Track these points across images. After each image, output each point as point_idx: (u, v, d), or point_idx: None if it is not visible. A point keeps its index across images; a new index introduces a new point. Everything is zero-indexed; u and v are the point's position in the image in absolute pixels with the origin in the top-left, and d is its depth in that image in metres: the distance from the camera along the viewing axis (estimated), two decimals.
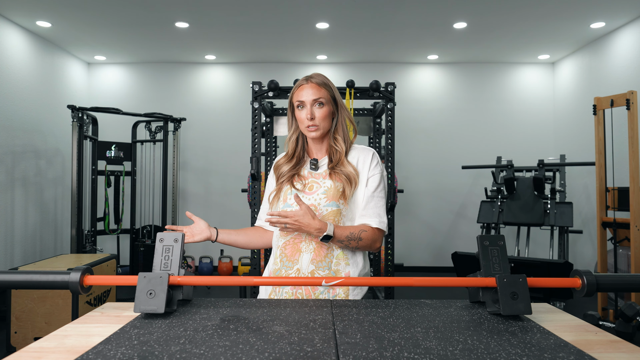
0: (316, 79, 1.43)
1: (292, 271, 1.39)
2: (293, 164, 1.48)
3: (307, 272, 1.37)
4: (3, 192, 4.25)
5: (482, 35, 4.87)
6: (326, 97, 1.42)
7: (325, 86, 1.44)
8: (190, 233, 1.43)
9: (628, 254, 3.68)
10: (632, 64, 4.33)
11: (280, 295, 1.40)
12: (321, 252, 1.38)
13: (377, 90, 3.33)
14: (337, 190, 1.40)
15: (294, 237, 1.41)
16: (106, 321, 1.01)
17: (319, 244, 1.38)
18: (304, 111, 1.42)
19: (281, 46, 5.27)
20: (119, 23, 4.50)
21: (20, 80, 4.53)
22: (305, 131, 1.44)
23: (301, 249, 1.39)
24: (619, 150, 3.95)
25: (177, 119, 5.10)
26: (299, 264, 1.38)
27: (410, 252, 5.83)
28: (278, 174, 1.49)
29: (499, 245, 1.09)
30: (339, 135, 1.47)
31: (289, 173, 1.46)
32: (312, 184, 1.44)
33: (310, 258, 1.38)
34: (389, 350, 0.81)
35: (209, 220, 1.67)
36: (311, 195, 1.42)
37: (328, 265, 1.38)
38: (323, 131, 1.44)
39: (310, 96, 1.41)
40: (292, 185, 1.44)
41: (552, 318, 1.05)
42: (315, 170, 1.47)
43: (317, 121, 1.41)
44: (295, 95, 1.44)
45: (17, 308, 2.85)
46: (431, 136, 5.90)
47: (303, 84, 1.43)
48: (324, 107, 1.42)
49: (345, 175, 1.41)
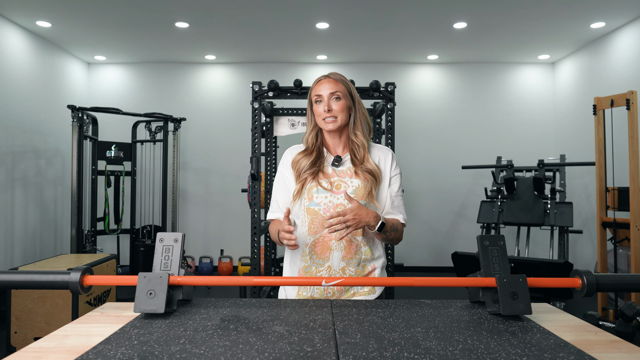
0: (334, 76, 1.48)
1: (324, 268, 1.42)
2: (313, 160, 1.47)
3: (338, 269, 1.41)
4: (3, 192, 4.25)
5: (482, 35, 4.87)
6: (343, 92, 1.45)
7: (343, 82, 1.47)
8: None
9: (628, 254, 3.68)
10: (632, 64, 4.33)
11: (311, 293, 1.43)
12: (351, 250, 1.42)
13: (377, 90, 3.33)
14: (365, 189, 1.43)
15: (323, 236, 1.42)
16: (106, 321, 1.01)
17: (349, 242, 1.42)
18: (321, 105, 1.45)
19: (281, 46, 5.27)
20: (119, 23, 4.50)
21: (20, 80, 4.53)
22: (322, 124, 1.46)
23: (331, 247, 1.42)
24: (619, 150, 3.95)
25: (177, 119, 5.10)
26: (330, 261, 1.41)
27: (410, 252, 5.83)
28: (297, 170, 1.47)
29: (499, 245, 1.09)
30: (359, 130, 1.49)
31: (311, 169, 1.45)
32: (339, 183, 1.44)
33: (341, 256, 1.41)
34: (389, 350, 0.81)
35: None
36: (339, 194, 1.43)
37: (358, 261, 1.43)
38: (340, 124, 1.45)
39: (327, 90, 1.44)
40: (318, 184, 1.43)
41: (552, 318, 1.05)
42: (338, 167, 1.48)
43: (335, 112, 1.44)
44: (313, 90, 1.48)
45: (17, 308, 2.85)
46: (431, 136, 5.90)
47: (321, 79, 1.47)
48: (341, 101, 1.45)
49: (370, 173, 1.44)
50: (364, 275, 1.44)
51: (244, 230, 5.61)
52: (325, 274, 1.41)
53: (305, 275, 1.43)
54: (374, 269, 1.47)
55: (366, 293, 1.44)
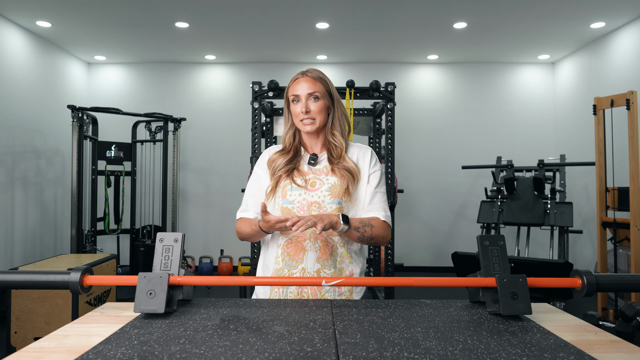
0: (312, 73, 1.41)
1: (297, 271, 1.35)
2: (289, 158, 1.43)
3: (312, 272, 1.34)
4: (3, 192, 4.25)
5: (482, 35, 4.87)
6: (321, 91, 1.40)
7: (321, 80, 1.41)
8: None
9: (628, 254, 3.68)
10: (632, 64, 4.33)
11: (285, 295, 1.38)
12: (327, 251, 1.36)
13: (377, 90, 3.33)
14: (341, 187, 1.38)
15: (297, 236, 1.37)
16: (106, 321, 1.01)
17: (325, 242, 1.36)
18: (299, 105, 1.40)
19: (281, 46, 5.27)
20: (119, 23, 4.50)
21: (20, 80, 4.53)
22: (300, 125, 1.41)
23: (306, 248, 1.36)
24: (619, 150, 3.95)
25: (177, 119, 5.10)
26: (304, 263, 1.35)
27: (410, 252, 5.83)
28: (272, 168, 1.44)
29: (499, 245, 1.09)
30: (337, 130, 1.44)
31: (286, 167, 1.41)
32: (314, 181, 1.40)
33: (316, 257, 1.35)
34: (389, 350, 0.81)
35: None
36: (314, 192, 1.38)
37: (333, 263, 1.37)
38: (318, 125, 1.41)
39: (305, 90, 1.38)
40: (292, 181, 1.39)
41: (552, 318, 1.05)
42: (314, 166, 1.43)
43: (313, 114, 1.39)
44: (290, 89, 1.42)
45: (17, 308, 2.85)
46: (431, 136, 5.90)
47: (299, 78, 1.41)
48: (319, 101, 1.39)
49: (347, 171, 1.39)
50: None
51: None
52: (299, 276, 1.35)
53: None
54: (352, 274, 1.39)
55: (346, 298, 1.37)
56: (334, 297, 1.37)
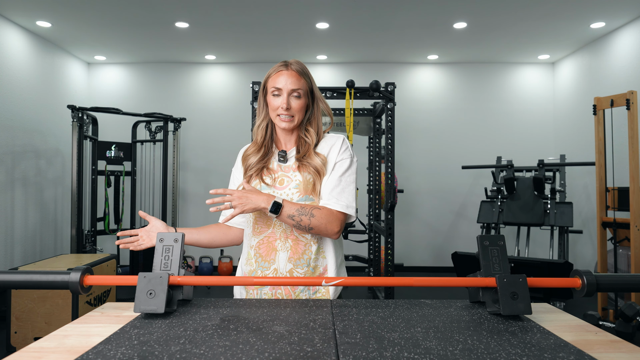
0: (296, 66, 1.34)
1: (270, 271, 1.32)
2: (261, 155, 1.40)
3: (285, 272, 1.31)
4: (3, 192, 4.25)
5: (482, 35, 4.87)
6: (304, 89, 1.35)
7: (305, 76, 1.36)
8: (147, 235, 1.36)
9: (628, 254, 3.68)
10: (632, 64, 4.33)
11: (260, 296, 1.35)
12: (298, 249, 1.32)
13: (377, 90, 3.33)
14: (308, 183, 1.34)
15: (268, 236, 1.34)
16: (106, 321, 1.01)
17: (296, 241, 1.32)
18: (279, 99, 1.33)
19: (281, 46, 5.27)
20: (119, 23, 4.50)
21: (20, 80, 4.53)
22: (277, 120, 1.36)
23: (277, 248, 1.33)
24: (619, 150, 3.95)
25: (177, 119, 5.10)
26: (275, 263, 1.32)
27: (410, 252, 5.83)
28: (245, 166, 1.41)
29: (499, 245, 1.09)
30: (312, 127, 1.40)
31: (257, 166, 1.39)
32: (283, 178, 1.37)
33: (287, 256, 1.32)
34: (389, 350, 0.81)
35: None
36: (282, 190, 1.35)
37: (307, 261, 1.33)
38: (296, 123, 1.36)
39: (289, 85, 1.32)
40: (261, 180, 1.37)
41: (552, 318, 1.05)
42: (284, 163, 1.40)
43: (293, 112, 1.34)
44: (271, 80, 1.34)
45: (17, 308, 2.85)
46: (431, 136, 5.90)
47: (282, 70, 1.33)
48: (301, 99, 1.34)
49: (314, 167, 1.34)
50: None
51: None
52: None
53: None
54: (326, 269, 1.36)
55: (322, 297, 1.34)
56: (308, 296, 1.34)
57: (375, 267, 4.48)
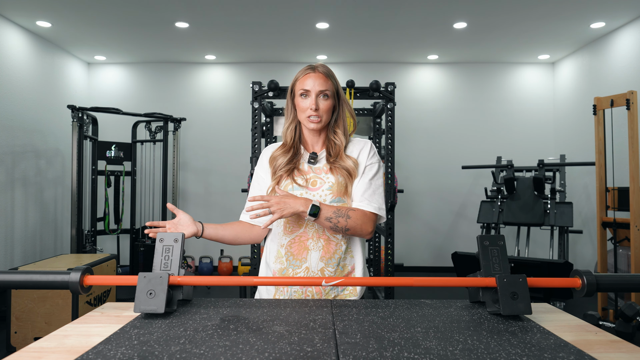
0: (322, 69, 1.40)
1: (301, 270, 1.36)
2: (290, 157, 1.43)
3: (316, 270, 1.35)
4: (3, 192, 4.25)
5: (482, 35, 4.87)
6: (331, 90, 1.40)
7: (331, 78, 1.41)
8: (175, 228, 1.37)
9: (628, 254, 3.68)
10: (632, 64, 4.33)
11: (290, 295, 1.39)
12: (330, 249, 1.37)
13: (377, 90, 3.33)
14: (341, 185, 1.38)
15: (300, 235, 1.38)
16: (106, 321, 1.01)
17: (327, 241, 1.37)
18: (307, 100, 1.38)
19: (281, 46, 5.27)
20: (119, 23, 4.50)
21: (20, 80, 4.53)
22: (306, 121, 1.40)
23: (309, 247, 1.37)
24: (619, 150, 3.95)
25: (177, 119, 5.10)
26: (307, 262, 1.36)
27: (410, 252, 5.83)
28: (274, 167, 1.44)
29: (499, 245, 1.09)
30: (339, 129, 1.44)
31: (287, 166, 1.41)
32: (315, 180, 1.40)
33: (319, 256, 1.36)
34: (389, 350, 0.81)
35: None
36: (315, 191, 1.39)
37: (337, 261, 1.37)
38: (323, 124, 1.41)
39: (316, 86, 1.37)
40: (293, 181, 1.39)
41: (552, 318, 1.05)
42: (314, 165, 1.43)
43: (321, 112, 1.38)
44: (299, 82, 1.40)
45: (17, 308, 2.85)
46: (431, 136, 5.90)
47: (309, 73, 1.39)
48: (329, 100, 1.39)
49: (346, 170, 1.39)
50: (344, 275, 1.39)
51: None
52: (303, 275, 1.36)
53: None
54: (354, 268, 1.41)
55: (348, 295, 1.39)
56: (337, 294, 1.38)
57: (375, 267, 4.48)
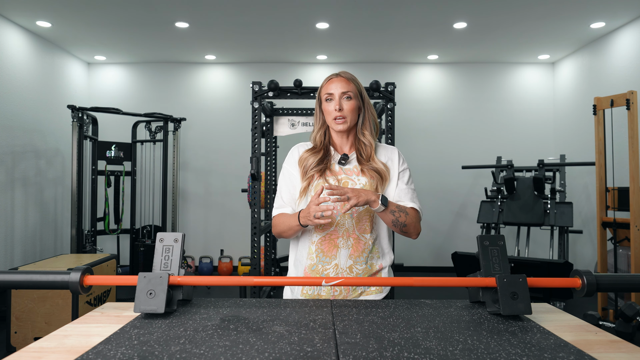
0: (345, 74, 1.48)
1: (330, 266, 1.41)
2: (320, 157, 1.47)
3: (345, 267, 1.40)
4: (3, 192, 4.25)
5: (482, 35, 4.87)
6: (354, 92, 1.46)
7: (354, 81, 1.48)
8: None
9: (628, 254, 3.68)
10: (632, 64, 4.33)
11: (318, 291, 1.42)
12: (359, 247, 1.41)
13: (377, 90, 3.33)
14: (371, 187, 1.42)
15: (330, 233, 1.42)
16: (106, 321, 1.01)
17: (357, 240, 1.41)
18: (332, 103, 1.45)
19: (281, 46, 5.27)
20: (119, 23, 4.50)
21: (20, 80, 4.53)
22: (332, 123, 1.46)
23: (339, 245, 1.41)
24: (619, 150, 3.95)
25: (177, 119, 5.10)
26: (337, 259, 1.40)
27: (410, 252, 5.82)
28: (304, 167, 1.48)
29: (499, 245, 1.09)
30: (367, 130, 1.49)
31: (318, 166, 1.45)
32: (347, 181, 1.45)
33: (348, 253, 1.40)
34: (389, 350, 0.81)
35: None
36: None
37: (365, 259, 1.42)
38: (350, 124, 1.46)
39: (339, 89, 1.44)
40: (325, 181, 1.44)
41: (552, 318, 1.05)
42: (344, 166, 1.48)
43: (345, 112, 1.44)
44: (324, 88, 1.48)
45: (17, 308, 2.85)
46: (431, 136, 5.90)
47: (332, 78, 1.47)
48: (352, 101, 1.45)
49: (377, 172, 1.44)
50: (371, 274, 1.43)
51: (244, 230, 5.61)
52: (332, 272, 1.40)
53: (312, 273, 1.42)
54: (382, 267, 1.45)
55: (374, 292, 1.43)
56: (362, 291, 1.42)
57: None
